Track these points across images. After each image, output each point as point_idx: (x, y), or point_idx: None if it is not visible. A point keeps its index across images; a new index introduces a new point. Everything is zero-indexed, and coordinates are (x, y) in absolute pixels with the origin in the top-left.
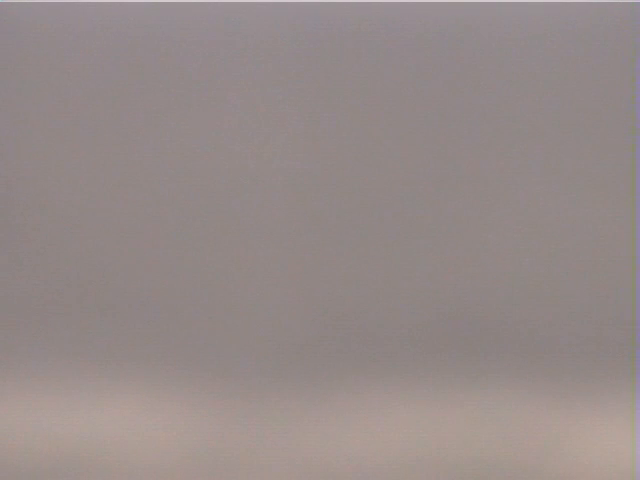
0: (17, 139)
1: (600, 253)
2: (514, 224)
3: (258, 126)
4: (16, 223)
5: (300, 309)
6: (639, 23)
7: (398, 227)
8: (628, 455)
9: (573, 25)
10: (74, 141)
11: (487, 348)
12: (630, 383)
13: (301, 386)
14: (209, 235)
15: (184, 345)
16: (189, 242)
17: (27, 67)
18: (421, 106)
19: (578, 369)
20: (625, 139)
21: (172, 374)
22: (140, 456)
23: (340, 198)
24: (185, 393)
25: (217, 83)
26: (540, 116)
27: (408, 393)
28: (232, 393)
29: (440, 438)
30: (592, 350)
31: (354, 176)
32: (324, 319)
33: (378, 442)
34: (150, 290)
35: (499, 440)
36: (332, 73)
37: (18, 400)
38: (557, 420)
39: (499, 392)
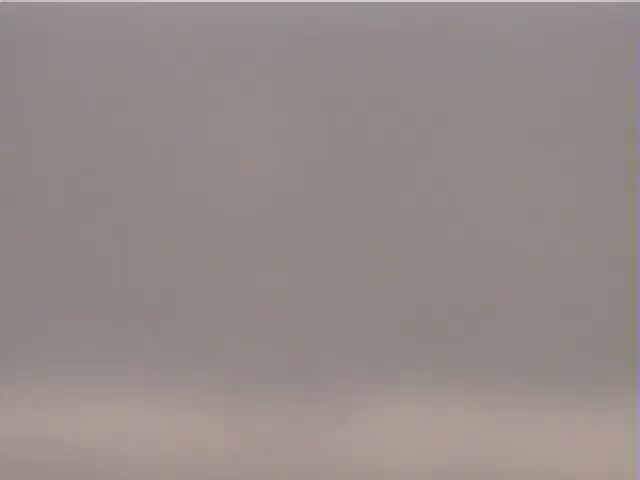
0: (17, 139)
1: (600, 255)
2: (514, 226)
3: (257, 127)
4: (16, 224)
5: (299, 313)
6: (639, 23)
7: (396, 230)
8: (628, 456)
9: (573, 25)
10: (74, 141)
11: (486, 350)
12: (630, 384)
13: (301, 391)
14: (208, 238)
15: (185, 347)
16: (188, 244)
17: (27, 67)
18: (421, 106)
19: (578, 371)
20: (625, 139)
21: (172, 375)
22: (141, 457)
23: (339, 200)
24: (186, 395)
25: (216, 83)
26: (539, 116)
27: (409, 396)
28: (234, 397)
29: (441, 441)
30: (592, 351)
31: (353, 177)
32: (322, 322)
33: (376, 446)
34: (150, 293)
35: (499, 443)
36: (331, 74)
37: (18, 400)
38: (557, 422)
39: (498, 394)
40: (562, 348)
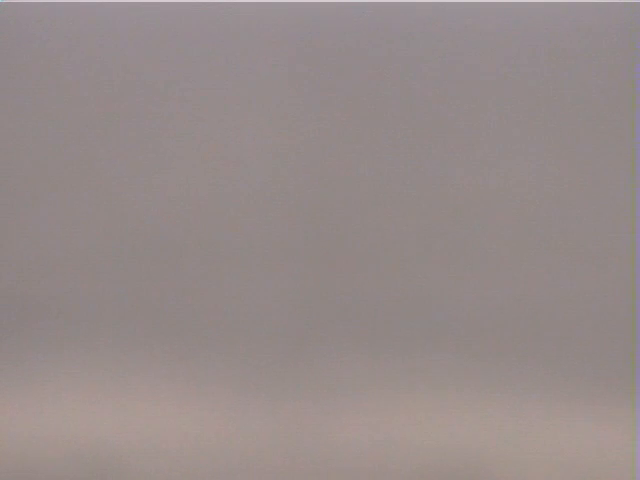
0: (17, 139)
1: (600, 257)
2: (513, 227)
3: (257, 127)
4: (16, 224)
5: (296, 311)
6: (639, 23)
7: (395, 229)
8: (628, 456)
9: (573, 25)
10: (74, 141)
11: (486, 352)
12: (630, 384)
13: (301, 390)
14: (208, 237)
15: (185, 345)
16: (189, 243)
17: (27, 67)
18: (421, 106)
19: (578, 373)
20: (625, 140)
21: (173, 373)
22: (141, 455)
23: (338, 199)
24: (187, 394)
25: (216, 82)
26: (539, 116)
27: (410, 396)
28: (234, 395)
29: (440, 440)
30: (592, 353)
31: (352, 176)
32: (321, 321)
33: (374, 446)
34: (150, 291)
35: (498, 443)
36: (331, 74)
37: (21, 400)
38: (557, 424)
39: (499, 396)
40: (562, 350)
